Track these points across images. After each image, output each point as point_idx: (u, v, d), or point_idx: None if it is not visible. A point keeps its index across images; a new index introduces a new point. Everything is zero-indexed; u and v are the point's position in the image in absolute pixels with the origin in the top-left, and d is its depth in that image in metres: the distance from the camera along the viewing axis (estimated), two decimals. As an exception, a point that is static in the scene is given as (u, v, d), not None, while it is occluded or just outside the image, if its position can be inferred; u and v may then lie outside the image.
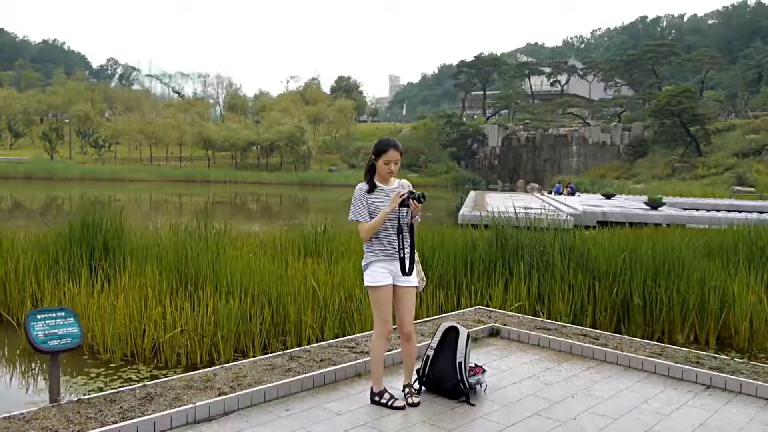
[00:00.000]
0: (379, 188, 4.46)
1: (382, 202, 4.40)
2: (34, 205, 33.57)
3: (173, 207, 34.29)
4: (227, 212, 32.11)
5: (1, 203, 33.63)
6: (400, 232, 4.37)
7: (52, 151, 61.04)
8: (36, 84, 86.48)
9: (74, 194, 39.90)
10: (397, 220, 4.38)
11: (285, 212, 33.42)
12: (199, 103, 76.62)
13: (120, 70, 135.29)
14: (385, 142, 4.45)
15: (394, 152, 4.41)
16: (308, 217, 31.98)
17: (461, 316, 6.95)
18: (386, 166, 4.40)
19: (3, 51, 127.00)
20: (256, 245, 10.93)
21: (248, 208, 35.37)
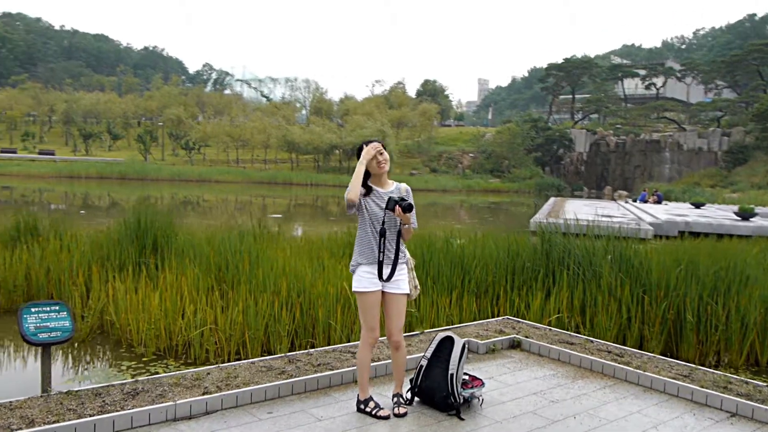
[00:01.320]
0: (374, 191, 4.33)
1: (377, 205, 4.28)
2: (128, 203, 35.31)
3: (257, 208, 35.16)
4: (307, 214, 32.65)
5: (99, 201, 35.52)
6: (382, 235, 4.24)
7: (146, 152, 64.18)
8: (135, 89, 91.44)
9: (165, 194, 41.63)
10: (381, 222, 4.24)
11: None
12: (286, 107, 78.58)
13: (214, 75, 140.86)
14: (366, 141, 4.39)
15: (375, 143, 4.34)
16: None
17: (484, 326, 6.68)
18: (374, 159, 4.28)
19: (108, 58, 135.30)
20: (300, 246, 10.96)
21: (328, 211, 35.75)
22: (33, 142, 70.57)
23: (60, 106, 75.18)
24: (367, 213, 4.28)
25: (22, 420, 3.80)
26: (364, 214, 4.29)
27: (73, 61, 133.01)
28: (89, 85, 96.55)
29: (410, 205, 4.19)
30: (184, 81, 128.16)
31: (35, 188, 40.74)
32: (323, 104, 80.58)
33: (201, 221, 21.86)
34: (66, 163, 54.36)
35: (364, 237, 4.31)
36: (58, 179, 49.16)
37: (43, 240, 10.19)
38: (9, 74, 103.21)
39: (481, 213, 37.66)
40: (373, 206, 4.28)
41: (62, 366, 7.03)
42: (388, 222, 4.28)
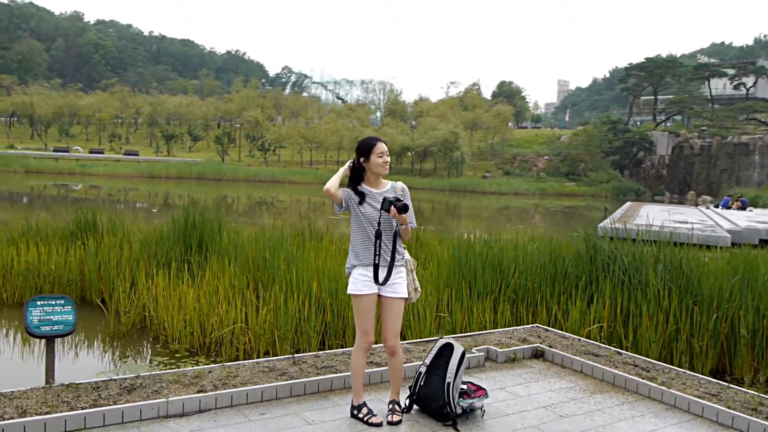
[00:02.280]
0: (366, 191, 4.21)
1: (370, 206, 4.16)
2: (208, 202, 36.32)
3: (329, 209, 35.54)
4: None
5: (179, 200, 36.75)
6: (378, 237, 4.12)
7: (223, 153, 66.16)
8: (216, 92, 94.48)
9: (241, 194, 42.64)
10: (377, 223, 4.12)
11: (436, 218, 33.37)
12: (360, 109, 79.21)
13: (293, 78, 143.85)
14: (370, 138, 4.27)
15: (382, 144, 4.22)
16: (459, 223, 31.91)
17: (509, 333, 6.43)
18: (380, 159, 4.17)
19: (192, 62, 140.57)
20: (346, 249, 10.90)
21: None
22: (119, 143, 74.03)
23: (145, 108, 78.57)
24: (360, 213, 4.16)
25: (17, 410, 3.90)
26: (358, 214, 4.18)
27: (160, 65, 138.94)
28: (173, 88, 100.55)
29: (405, 206, 4.07)
30: (264, 84, 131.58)
31: (120, 187, 42.61)
32: (397, 106, 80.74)
33: (271, 221, 22.30)
34: (148, 163, 56.71)
35: (357, 238, 4.20)
36: (140, 179, 51.29)
37: (99, 237, 10.58)
38: (100, 78, 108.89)
39: (555, 217, 36.71)
40: (366, 206, 4.16)
41: (99, 359, 7.26)
42: (384, 223, 4.15)
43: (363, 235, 4.16)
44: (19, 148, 65.44)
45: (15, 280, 9.30)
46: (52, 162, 55.25)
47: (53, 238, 10.82)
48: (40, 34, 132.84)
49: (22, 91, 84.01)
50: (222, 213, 12.13)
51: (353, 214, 4.20)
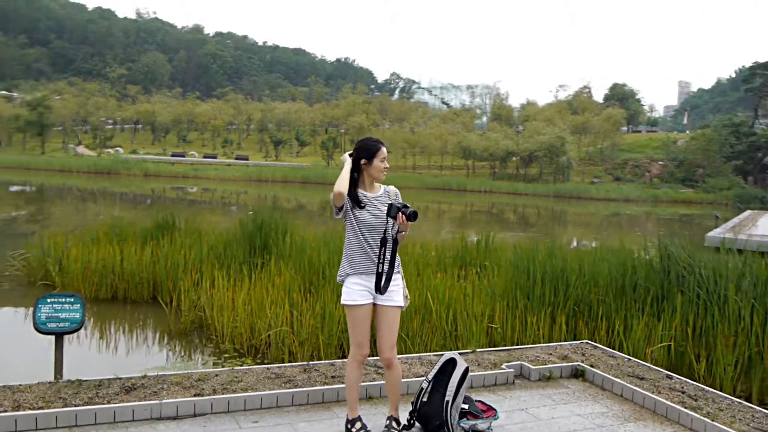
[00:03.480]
0: (360, 195, 3.99)
1: (366, 211, 3.93)
2: (313, 206, 37.08)
3: (433, 214, 35.36)
4: (482, 221, 32.20)
5: (285, 204, 37.76)
6: (384, 244, 3.88)
7: (328, 158, 67.61)
8: (324, 98, 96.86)
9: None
10: (383, 230, 3.89)
11: (540, 224, 32.37)
12: (465, 114, 78.55)
13: (401, 84, 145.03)
14: (374, 141, 4.03)
15: (385, 149, 4.03)
16: (565, 230, 30.78)
17: (551, 349, 5.95)
18: (382, 164, 3.99)
19: (304, 70, 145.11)
20: (417, 255, 10.63)
21: (504, 219, 34.86)
22: (231, 148, 77.47)
23: (256, 115, 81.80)
24: (356, 219, 3.93)
25: (13, 403, 3.98)
26: (352, 220, 3.95)
27: (273, 74, 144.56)
28: (284, 95, 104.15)
29: (415, 213, 3.83)
30: (372, 90, 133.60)
31: (231, 190, 44.23)
32: (503, 110, 79.35)
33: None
34: (256, 167, 58.90)
35: (352, 245, 3.96)
36: (249, 182, 53.29)
37: (175, 237, 10.93)
38: (218, 87, 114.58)
39: (669, 226, 34.55)
40: (363, 212, 3.92)
41: (151, 356, 7.43)
42: (388, 230, 3.92)
43: (359, 242, 3.92)
44: (141, 153, 70.05)
45: (92, 277, 9.74)
46: (168, 166, 58.57)
47: (135, 237, 11.29)
48: (165, 46, 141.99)
49: (146, 100, 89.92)
50: (309, 216, 12.23)
51: (348, 220, 3.98)
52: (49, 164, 55.32)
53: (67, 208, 26.27)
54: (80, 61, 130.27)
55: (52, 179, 44.75)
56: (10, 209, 24.87)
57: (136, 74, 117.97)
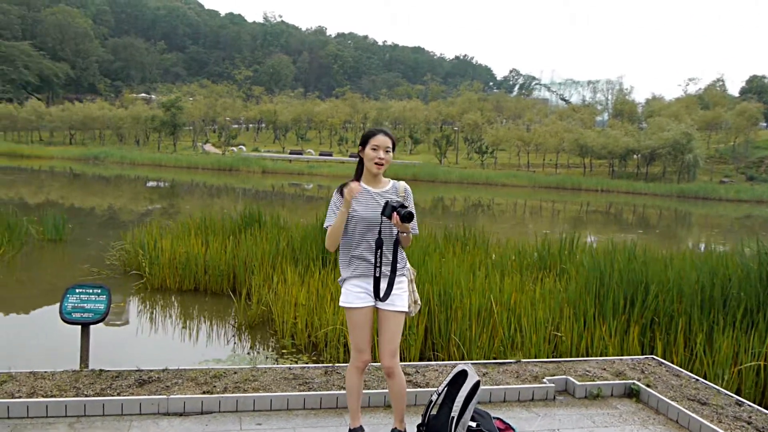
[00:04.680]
0: (363, 190, 3.68)
1: (364, 206, 3.62)
2: (426, 203, 37.03)
3: (548, 213, 34.34)
4: (599, 222, 30.85)
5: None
6: (379, 246, 3.59)
7: (441, 156, 67.28)
8: (440, 96, 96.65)
9: (458, 196, 42.69)
10: (378, 231, 3.59)
11: (663, 225, 30.50)
12: (583, 110, 75.51)
13: (521, 81, 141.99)
14: (374, 129, 3.72)
15: (383, 137, 3.63)
16: (690, 232, 28.79)
17: (606, 363, 5.41)
18: (374, 152, 3.61)
19: (422, 68, 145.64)
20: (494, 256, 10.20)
21: (622, 219, 33.08)
22: (347, 146, 79.01)
23: (372, 113, 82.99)
24: (352, 216, 3.65)
25: (30, 389, 4.10)
26: (351, 216, 3.67)
27: (392, 72, 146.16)
28: (400, 94, 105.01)
29: (410, 214, 3.45)
30: (491, 87, 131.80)
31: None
32: (625, 106, 75.53)
33: (491, 225, 22.12)
34: (369, 165, 59.74)
35: (348, 245, 3.70)
36: (360, 180, 54.19)
37: (258, 232, 11.16)
38: (337, 87, 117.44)
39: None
40: (361, 208, 3.64)
41: (211, 348, 7.56)
42: (385, 230, 3.62)
43: (356, 241, 3.66)
44: (262, 151, 73.03)
45: (177, 268, 10.10)
46: (285, 163, 60.67)
47: (224, 231, 11.63)
48: (289, 48, 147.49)
49: (269, 100, 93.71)
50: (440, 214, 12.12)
51: (349, 217, 3.69)
52: (178, 161, 58.91)
53: (195, 203, 27.76)
54: (212, 64, 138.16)
55: (181, 175, 47.62)
56: (147, 203, 26.69)
57: (261, 75, 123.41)
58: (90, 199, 28.07)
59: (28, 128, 79.83)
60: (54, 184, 36.77)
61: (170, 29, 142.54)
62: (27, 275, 10.62)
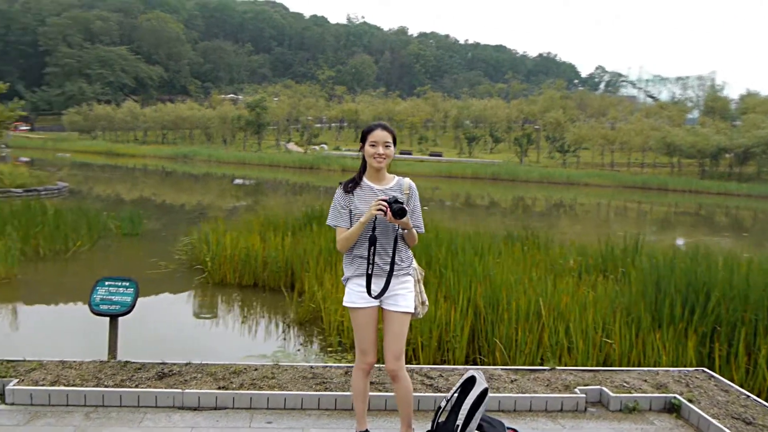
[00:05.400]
0: (365, 186, 3.58)
1: (366, 204, 3.50)
2: (506, 203, 36.42)
3: (633, 214, 33.13)
4: (687, 224, 29.47)
5: (478, 200, 37.54)
6: (372, 243, 3.46)
7: (522, 155, 65.98)
8: (521, 94, 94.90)
9: (539, 195, 41.70)
10: (371, 228, 3.48)
11: (757, 230, 28.72)
12: (672, 107, 72.12)
13: (606, 78, 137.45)
14: (372, 124, 3.60)
15: (382, 132, 3.51)
16: None
17: (650, 374, 5.05)
18: (372, 149, 3.50)
19: (503, 66, 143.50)
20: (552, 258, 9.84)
21: (715, 222, 31.37)
22: (427, 144, 78.91)
23: (453, 112, 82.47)
24: (354, 214, 3.54)
25: (54, 378, 4.24)
26: (353, 218, 3.55)
27: (473, 71, 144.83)
28: (481, 92, 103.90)
29: (402, 209, 3.33)
30: (576, 85, 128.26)
31: (425, 186, 44.67)
32: (717, 102, 71.63)
33: (572, 226, 21.64)
34: (447, 164, 59.37)
35: (355, 245, 3.58)
36: (438, 178, 53.85)
37: (316, 229, 11.24)
38: (418, 86, 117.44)
39: None
40: (363, 206, 3.52)
41: (258, 343, 7.65)
42: (380, 227, 3.49)
43: (358, 240, 3.55)
44: (343, 150, 73.98)
45: (237, 264, 10.31)
46: (365, 162, 61.26)
47: (285, 228, 11.79)
48: (371, 48, 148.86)
49: (351, 99, 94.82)
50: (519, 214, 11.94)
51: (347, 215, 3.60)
52: (261, 160, 60.59)
53: (279, 200, 28.45)
54: (297, 65, 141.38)
55: (265, 173, 48.92)
56: (234, 200, 27.60)
57: (344, 75, 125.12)
58: (180, 196, 29.30)
59: (124, 128, 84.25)
60: (147, 181, 38.62)
61: (257, 32, 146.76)
62: (97, 267, 11.11)
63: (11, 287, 9.28)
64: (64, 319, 8.31)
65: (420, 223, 3.64)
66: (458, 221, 19.01)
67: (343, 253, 3.64)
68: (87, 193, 26.30)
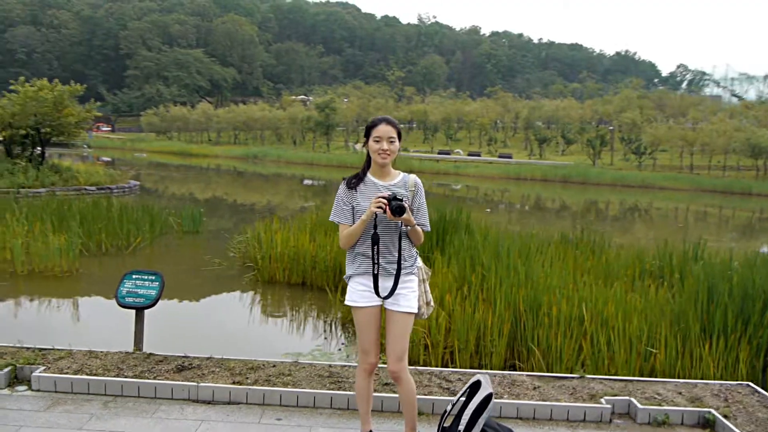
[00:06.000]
0: (369, 183, 3.50)
1: (369, 200, 3.38)
2: (578, 206, 35.43)
3: (714, 219, 31.71)
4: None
5: (549, 204, 36.70)
6: (375, 242, 3.38)
7: (594, 157, 64.10)
8: (595, 94, 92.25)
9: (612, 199, 40.35)
10: (373, 226, 3.39)
11: None
12: (758, 107, 68.39)
13: (689, 77, 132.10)
14: (376, 119, 3.50)
15: (386, 126, 3.41)
16: None
17: (686, 387, 4.76)
18: (376, 144, 3.41)
19: (579, 65, 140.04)
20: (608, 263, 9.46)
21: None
22: (496, 146, 77.83)
23: (523, 112, 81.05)
24: (357, 211, 3.46)
25: (79, 367, 4.37)
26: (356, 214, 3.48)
27: (547, 71, 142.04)
28: (554, 92, 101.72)
29: (401, 207, 3.23)
30: (656, 84, 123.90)
31: (494, 188, 43.91)
32: (810, 102, 67.49)
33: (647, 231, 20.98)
34: (515, 165, 58.43)
35: (357, 242, 3.50)
36: (507, 180, 53.05)
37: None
38: (489, 86, 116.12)
39: None
40: (366, 202, 3.42)
41: (309, 341, 7.66)
42: (383, 225, 3.40)
43: (360, 237, 3.47)
44: (411, 151, 73.97)
45: (286, 262, 10.43)
46: (432, 163, 60.96)
47: (336, 227, 11.86)
48: (442, 48, 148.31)
49: (420, 100, 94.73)
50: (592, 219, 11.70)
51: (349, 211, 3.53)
52: (329, 160, 61.37)
53: None
54: (368, 66, 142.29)
55: (332, 174, 49.47)
56: (302, 200, 28.11)
57: (415, 76, 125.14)
58: (251, 195, 30.03)
59: (198, 129, 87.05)
60: (220, 181, 39.75)
61: (328, 33, 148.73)
62: (153, 262, 11.46)
63: (72, 280, 9.70)
64: (113, 311, 8.62)
65: (426, 221, 3.55)
66: (525, 225, 18.55)
67: (346, 250, 3.58)
68: (162, 192, 27.30)
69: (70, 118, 20.39)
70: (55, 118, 20.12)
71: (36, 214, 11.99)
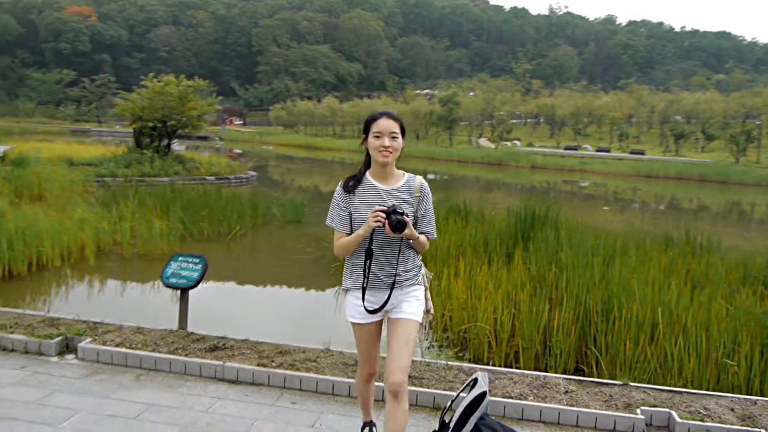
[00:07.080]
0: (368, 185, 3.18)
1: (368, 207, 3.08)
2: (715, 208, 32.85)
3: None
4: None
5: (686, 204, 34.34)
6: (369, 256, 3.10)
7: (738, 154, 59.17)
8: (743, 86, 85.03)
9: (759, 201, 37.16)
10: (368, 239, 3.08)
11: None
12: None
13: None
14: (376, 112, 3.25)
15: (386, 121, 3.09)
16: None
17: (741, 402, 4.29)
18: (377, 140, 3.08)
19: (726, 55, 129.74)
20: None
21: None
22: (628, 141, 73.98)
23: (659, 106, 76.44)
24: (354, 217, 3.14)
25: (121, 340, 4.66)
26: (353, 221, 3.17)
27: (690, 61, 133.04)
28: (696, 85, 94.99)
29: (401, 222, 2.92)
30: None
31: (624, 186, 41.49)
32: None
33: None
34: (646, 162, 55.30)
35: (353, 254, 3.22)
36: (636, 178, 50.23)
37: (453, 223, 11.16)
38: (625, 78, 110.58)
39: None
40: (362, 207, 3.12)
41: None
42: (379, 238, 3.10)
43: (357, 248, 3.15)
44: (536, 146, 72.11)
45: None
46: (557, 159, 59.02)
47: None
48: (574, 39, 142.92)
49: (549, 94, 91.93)
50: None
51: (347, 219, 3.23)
52: (450, 155, 61.23)
53: (469, 196, 28.67)
54: (495, 59, 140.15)
55: (453, 168, 49.33)
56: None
57: (544, 68, 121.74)
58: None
59: (323, 123, 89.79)
60: (344, 173, 40.66)
61: (455, 26, 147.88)
62: (251, 249, 11.98)
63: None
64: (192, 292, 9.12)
65: (431, 229, 3.24)
66: (658, 226, 17.37)
67: (341, 259, 3.33)
68: (283, 183, 28.31)
69: (193, 111, 21.77)
70: (180, 112, 21.56)
71: (147, 200, 12.89)
